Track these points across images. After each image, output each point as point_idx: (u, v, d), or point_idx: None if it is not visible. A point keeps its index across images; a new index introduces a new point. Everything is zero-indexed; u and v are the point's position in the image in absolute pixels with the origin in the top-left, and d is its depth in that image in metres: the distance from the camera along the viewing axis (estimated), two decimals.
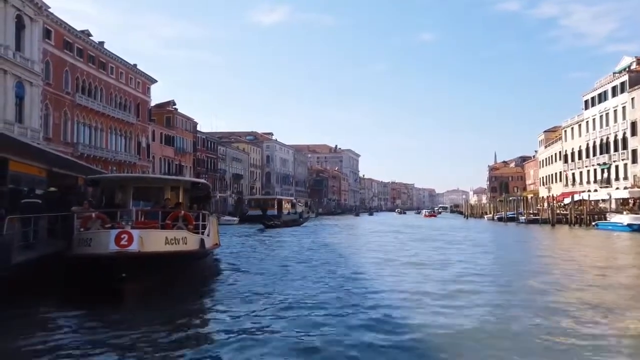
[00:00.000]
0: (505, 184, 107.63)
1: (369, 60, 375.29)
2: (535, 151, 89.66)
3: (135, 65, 50.14)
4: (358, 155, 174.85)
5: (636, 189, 43.84)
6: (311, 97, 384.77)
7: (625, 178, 50.61)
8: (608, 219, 41.28)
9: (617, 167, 52.99)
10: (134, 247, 9.92)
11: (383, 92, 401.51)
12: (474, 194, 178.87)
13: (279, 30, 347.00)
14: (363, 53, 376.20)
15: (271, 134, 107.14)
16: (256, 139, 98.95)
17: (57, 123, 36.69)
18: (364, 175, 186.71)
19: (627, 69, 53.50)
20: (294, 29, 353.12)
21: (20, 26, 30.61)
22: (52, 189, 17.35)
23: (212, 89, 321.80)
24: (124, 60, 47.58)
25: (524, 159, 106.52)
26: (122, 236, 9.98)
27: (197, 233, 12.50)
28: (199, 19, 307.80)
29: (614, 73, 56.02)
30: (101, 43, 44.19)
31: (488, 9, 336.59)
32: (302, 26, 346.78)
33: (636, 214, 38.52)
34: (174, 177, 31.70)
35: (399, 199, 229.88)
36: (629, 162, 50.26)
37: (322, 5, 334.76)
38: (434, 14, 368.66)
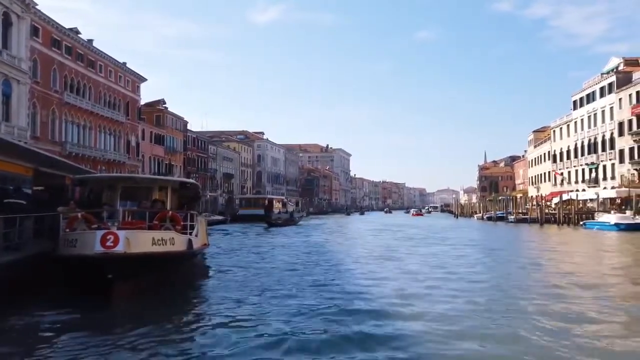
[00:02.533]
0: (495, 184, 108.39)
1: (362, 59, 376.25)
2: (525, 151, 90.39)
3: (124, 63, 49.77)
4: (349, 155, 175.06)
5: (623, 189, 44.32)
6: (303, 96, 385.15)
7: (613, 178, 51.18)
8: (596, 218, 41.72)
9: (604, 167, 53.57)
10: (119, 248, 9.83)
11: (376, 92, 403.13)
12: (464, 193, 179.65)
13: (274, 29, 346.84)
14: (357, 52, 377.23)
15: (262, 133, 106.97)
16: (247, 138, 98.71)
17: (44, 122, 36.31)
18: (355, 175, 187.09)
19: (614, 70, 54.10)
20: (289, 28, 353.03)
21: (7, 23, 30.23)
22: (39, 188, 17.21)
23: (206, 88, 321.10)
24: (113, 59, 47.20)
25: (513, 159, 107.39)
26: (108, 237, 9.89)
27: (185, 233, 12.44)
28: (197, 17, 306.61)
29: (602, 74, 56.61)
30: (90, 41, 43.81)
31: (481, 9, 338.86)
32: (297, 26, 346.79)
33: (623, 213, 38.99)
34: (162, 177, 31.47)
35: (389, 198, 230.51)
36: (616, 162, 50.83)
37: (316, 5, 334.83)
38: (429, 13, 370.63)
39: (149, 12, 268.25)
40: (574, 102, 61.24)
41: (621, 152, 49.99)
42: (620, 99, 50.35)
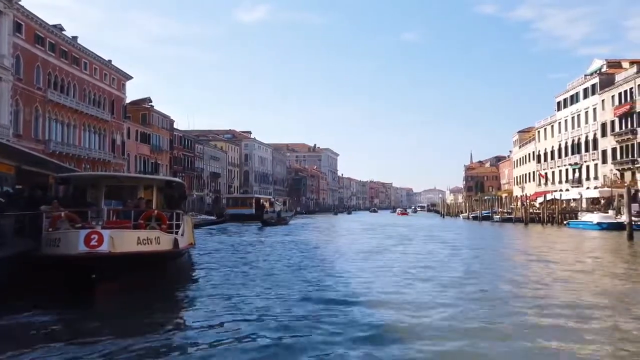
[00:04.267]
0: (481, 184, 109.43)
1: (350, 59, 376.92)
2: (510, 151, 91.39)
3: (110, 61, 49.20)
4: (337, 155, 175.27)
5: (606, 189, 45.04)
6: (291, 95, 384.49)
7: (596, 178, 52.01)
8: (579, 218, 42.32)
9: (587, 167, 54.40)
10: (104, 248, 9.73)
11: (364, 92, 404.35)
12: (450, 193, 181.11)
13: (261, 29, 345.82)
14: (344, 52, 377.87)
15: (249, 132, 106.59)
16: (234, 138, 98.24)
17: (27, 119, 35.72)
18: (342, 175, 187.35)
19: (597, 72, 54.91)
20: (276, 28, 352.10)
21: None
22: (21, 186, 16.96)
23: (193, 87, 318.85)
24: (98, 56, 46.62)
25: (498, 159, 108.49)
26: (92, 236, 9.78)
27: (171, 233, 12.35)
28: (183, 16, 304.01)
29: (585, 75, 57.43)
30: (74, 38, 43.21)
31: (465, 11, 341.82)
32: (284, 25, 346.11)
33: (606, 213, 39.62)
34: (147, 175, 31.18)
35: (377, 198, 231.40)
36: (599, 162, 51.65)
37: (302, 5, 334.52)
38: (413, 15, 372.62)
39: (134, 10, 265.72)
40: (558, 103, 62.07)
41: (604, 152, 50.80)
42: (603, 100, 51.16)
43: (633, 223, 27.69)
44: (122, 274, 10.22)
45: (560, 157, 60.94)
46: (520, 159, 78.66)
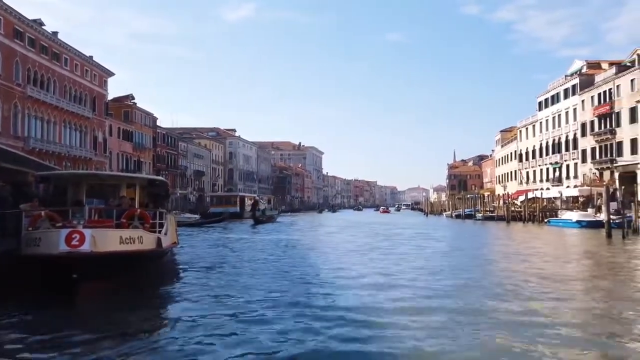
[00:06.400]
0: (464, 182, 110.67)
1: (335, 58, 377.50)
2: (493, 150, 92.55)
3: (91, 57, 48.45)
4: (322, 153, 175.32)
5: (585, 188, 45.91)
6: (276, 94, 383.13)
7: (576, 177, 53.01)
8: (559, 216, 43.06)
9: (567, 166, 55.40)
10: (85, 248, 9.58)
11: (349, 90, 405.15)
12: (434, 191, 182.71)
13: (246, 27, 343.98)
14: (330, 51, 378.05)
15: (234, 130, 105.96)
16: (218, 135, 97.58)
17: (6, 116, 35.04)
18: (327, 173, 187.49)
19: (578, 73, 55.91)
20: (261, 27, 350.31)
21: None
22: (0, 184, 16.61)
23: (177, 84, 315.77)
24: (79, 52, 45.88)
25: (481, 158, 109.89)
26: (73, 236, 9.63)
27: (154, 232, 12.24)
28: (168, 14, 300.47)
29: (565, 76, 58.43)
30: (54, 33, 42.49)
31: (450, 11, 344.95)
32: (269, 24, 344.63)
33: (585, 211, 40.39)
34: (129, 174, 30.83)
35: (361, 196, 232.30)
36: (579, 161, 52.64)
37: (288, 4, 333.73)
38: (399, 15, 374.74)
39: (117, 7, 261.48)
40: (539, 103, 63.05)
41: (583, 152, 51.78)
42: (583, 101, 52.11)
43: (611, 221, 28.25)
44: (104, 274, 10.10)
45: (541, 156, 61.92)
46: (502, 158, 79.71)
